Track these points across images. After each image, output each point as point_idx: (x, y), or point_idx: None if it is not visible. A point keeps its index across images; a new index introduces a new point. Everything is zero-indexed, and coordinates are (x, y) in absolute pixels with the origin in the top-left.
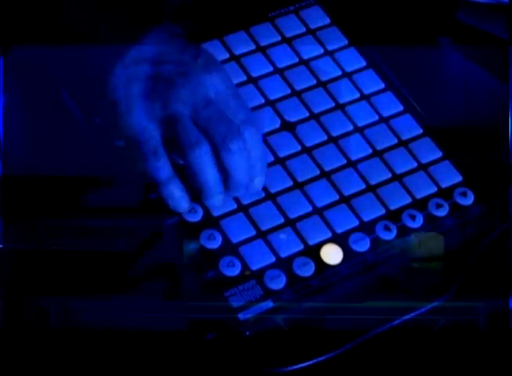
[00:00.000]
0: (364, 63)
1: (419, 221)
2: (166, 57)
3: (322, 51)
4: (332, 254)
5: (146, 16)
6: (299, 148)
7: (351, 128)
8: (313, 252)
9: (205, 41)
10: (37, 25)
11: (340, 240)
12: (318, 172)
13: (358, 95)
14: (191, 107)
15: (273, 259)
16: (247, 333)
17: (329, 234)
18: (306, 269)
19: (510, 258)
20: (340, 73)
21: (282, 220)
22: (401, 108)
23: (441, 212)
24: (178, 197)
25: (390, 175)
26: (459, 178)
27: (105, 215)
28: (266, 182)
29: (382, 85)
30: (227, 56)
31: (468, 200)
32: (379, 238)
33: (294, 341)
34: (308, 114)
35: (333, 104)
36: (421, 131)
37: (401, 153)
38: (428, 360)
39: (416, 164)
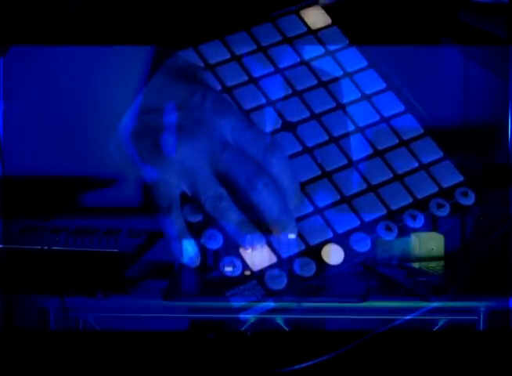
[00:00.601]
0: (365, 63)
1: (420, 221)
2: (174, 103)
3: (323, 51)
4: (333, 255)
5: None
6: (300, 148)
7: (352, 128)
8: (314, 252)
9: (206, 41)
10: (37, 25)
11: (341, 240)
12: (319, 172)
13: (359, 95)
14: (208, 155)
15: (274, 259)
16: (248, 333)
17: (330, 234)
18: (307, 270)
19: (510, 258)
20: (341, 73)
21: None
22: (402, 108)
23: (443, 212)
24: (185, 252)
25: (391, 175)
26: (461, 178)
27: (105, 215)
28: None
29: (383, 85)
30: (228, 56)
31: (469, 200)
32: (380, 238)
33: (295, 342)
34: (309, 114)
35: (334, 104)
36: (422, 131)
37: (402, 153)
38: (428, 360)
39: (417, 164)
